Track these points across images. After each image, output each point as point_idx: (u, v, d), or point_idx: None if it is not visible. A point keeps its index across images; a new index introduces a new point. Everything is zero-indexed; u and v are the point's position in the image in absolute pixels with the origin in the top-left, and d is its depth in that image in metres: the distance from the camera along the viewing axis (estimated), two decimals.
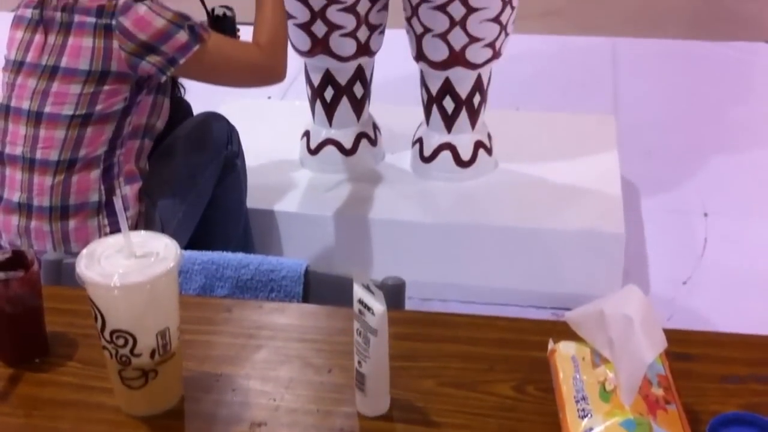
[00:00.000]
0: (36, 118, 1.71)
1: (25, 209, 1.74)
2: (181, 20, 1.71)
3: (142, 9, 1.68)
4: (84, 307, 0.92)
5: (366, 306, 0.89)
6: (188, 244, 1.94)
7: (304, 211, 2.32)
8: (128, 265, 0.89)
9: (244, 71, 1.84)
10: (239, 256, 1.27)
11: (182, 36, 1.70)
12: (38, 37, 1.73)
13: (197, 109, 2.11)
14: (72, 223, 1.73)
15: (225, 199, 2.04)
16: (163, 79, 1.75)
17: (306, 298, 1.27)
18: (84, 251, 0.91)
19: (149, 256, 0.90)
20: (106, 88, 1.70)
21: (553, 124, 2.68)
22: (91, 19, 1.68)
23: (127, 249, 0.90)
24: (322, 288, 1.26)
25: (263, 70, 1.85)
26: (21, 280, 1.00)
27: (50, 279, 1.26)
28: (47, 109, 1.70)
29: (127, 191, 1.77)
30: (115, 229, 1.75)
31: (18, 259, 1.01)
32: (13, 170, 1.75)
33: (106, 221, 1.74)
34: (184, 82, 2.05)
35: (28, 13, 1.76)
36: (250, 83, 1.92)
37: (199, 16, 2.05)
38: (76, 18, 1.70)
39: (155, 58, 1.69)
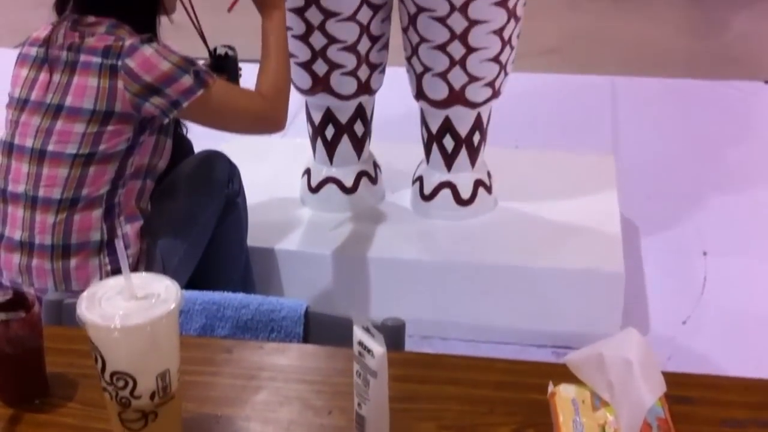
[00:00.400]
0: (39, 156, 1.72)
1: (27, 247, 1.74)
2: (186, 65, 1.73)
3: (148, 51, 1.70)
4: (84, 347, 0.92)
5: (366, 348, 0.89)
6: (189, 282, 1.95)
7: (305, 250, 2.32)
8: (129, 306, 0.89)
9: (246, 119, 1.86)
10: (240, 296, 1.28)
11: (187, 80, 1.72)
12: (43, 76, 1.75)
13: (199, 147, 2.13)
14: (73, 262, 1.74)
15: (226, 237, 2.05)
16: (166, 121, 1.76)
17: (306, 339, 1.27)
18: (85, 293, 0.91)
19: (150, 298, 0.90)
20: (109, 128, 1.71)
21: (553, 162, 2.69)
22: (97, 59, 1.70)
23: (127, 291, 0.91)
24: (322, 328, 1.26)
25: (264, 119, 1.87)
26: (22, 321, 1.00)
27: (51, 319, 1.26)
28: (51, 147, 1.71)
29: (128, 230, 1.78)
30: (116, 268, 1.76)
31: (19, 300, 1.02)
32: (15, 208, 1.75)
33: (107, 260, 1.75)
34: None
35: (34, 51, 1.78)
36: (251, 131, 1.93)
37: (202, 51, 2.09)
38: (82, 57, 1.71)
39: (159, 100, 1.71)
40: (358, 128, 2.40)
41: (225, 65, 2.12)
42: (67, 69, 1.72)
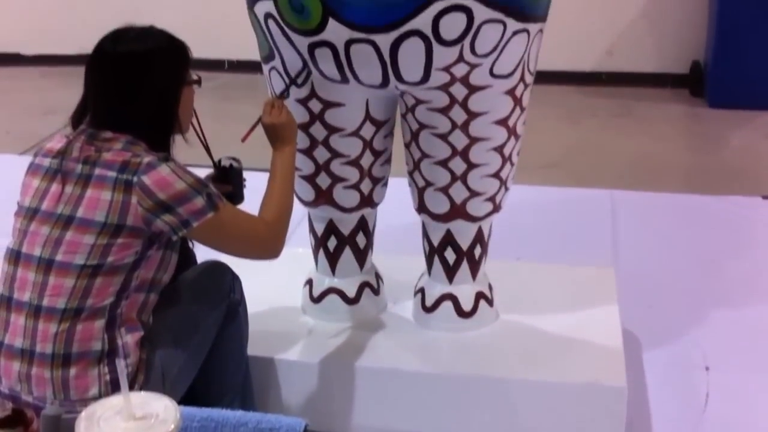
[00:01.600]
0: (47, 265, 1.75)
1: (27, 355, 1.75)
2: (200, 187, 1.78)
3: (165, 170, 1.75)
4: None
5: None
6: (188, 392, 1.94)
7: (305, 360, 2.32)
8: (127, 427, 0.90)
9: (249, 244, 1.91)
10: (238, 414, 1.27)
11: (199, 201, 1.76)
12: (55, 186, 1.79)
13: (201, 254, 2.15)
14: (73, 371, 1.74)
15: (226, 347, 2.05)
16: (175, 238, 1.80)
17: None
18: (83, 413, 0.92)
19: (149, 418, 0.91)
20: (119, 240, 1.74)
21: (554, 275, 2.70)
22: (113, 174, 1.75)
23: (126, 411, 0.91)
24: None
25: (264, 248, 1.94)
26: None
27: None
28: (59, 257, 1.74)
29: (128, 339, 1.79)
30: (115, 378, 1.76)
31: (18, 417, 1.02)
32: (17, 316, 1.77)
33: (106, 369, 1.75)
34: None
35: (47, 162, 1.82)
36: (250, 255, 1.97)
37: (206, 159, 2.14)
38: (98, 171, 1.76)
39: (170, 218, 1.75)
40: (361, 240, 2.43)
41: (229, 176, 2.18)
42: (80, 181, 1.76)
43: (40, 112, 4.65)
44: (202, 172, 2.09)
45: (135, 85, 1.83)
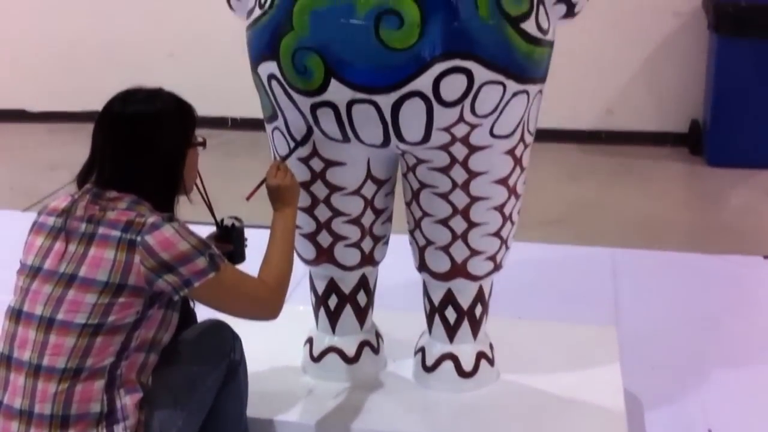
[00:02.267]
0: (48, 324, 1.75)
1: (26, 416, 1.74)
2: (203, 247, 1.79)
3: (169, 231, 1.76)
4: None
5: None
6: None
7: (304, 422, 2.29)
8: None
9: (249, 305, 1.92)
10: None
11: (201, 262, 1.77)
12: (59, 245, 1.79)
13: (201, 312, 2.14)
14: None
15: (225, 407, 2.04)
16: (176, 298, 1.80)
17: None
18: None
19: None
20: (120, 300, 1.74)
21: (555, 334, 2.69)
22: (117, 233, 1.76)
23: None
24: None
25: (264, 309, 1.94)
26: None
27: None
28: (60, 316, 1.74)
29: (127, 401, 1.78)
30: None
31: None
32: (17, 375, 1.76)
33: (104, 431, 1.74)
34: None
35: (51, 220, 1.83)
36: (249, 316, 1.96)
37: (208, 216, 2.15)
38: (101, 230, 1.77)
39: (172, 278, 1.76)
40: (361, 298, 2.42)
41: (231, 236, 2.18)
42: (84, 240, 1.77)
43: (44, 169, 4.67)
44: (204, 230, 2.10)
45: (142, 145, 1.85)
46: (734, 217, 4.06)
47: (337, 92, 1.95)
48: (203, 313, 2.12)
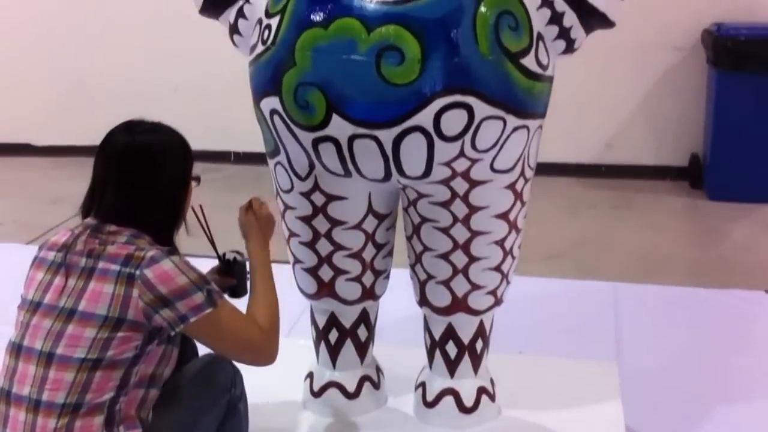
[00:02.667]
0: (47, 358, 1.74)
1: None
2: (201, 283, 1.79)
3: (168, 265, 1.76)
4: None
5: None
6: None
7: None
8: None
9: (244, 346, 1.89)
10: None
11: (199, 297, 1.77)
12: (59, 280, 1.79)
13: (202, 349, 2.14)
14: None
15: None
16: (173, 333, 1.80)
17: None
18: None
19: None
20: (119, 334, 1.74)
21: (557, 369, 2.68)
22: (116, 267, 1.76)
23: None
24: None
25: (260, 351, 1.91)
26: None
27: None
28: (59, 350, 1.74)
29: None
30: None
31: None
32: (17, 410, 1.75)
33: None
34: None
35: (51, 255, 1.84)
36: (243, 357, 1.94)
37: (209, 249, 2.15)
38: (101, 264, 1.77)
39: (168, 313, 1.75)
40: (362, 333, 2.42)
41: (233, 270, 2.19)
42: (84, 274, 1.77)
43: (48, 202, 4.69)
44: (206, 264, 2.11)
45: (145, 177, 1.85)
46: (735, 251, 4.05)
47: (339, 127, 1.96)
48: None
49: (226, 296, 1.91)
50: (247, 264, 2.16)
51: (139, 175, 1.85)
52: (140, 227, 1.84)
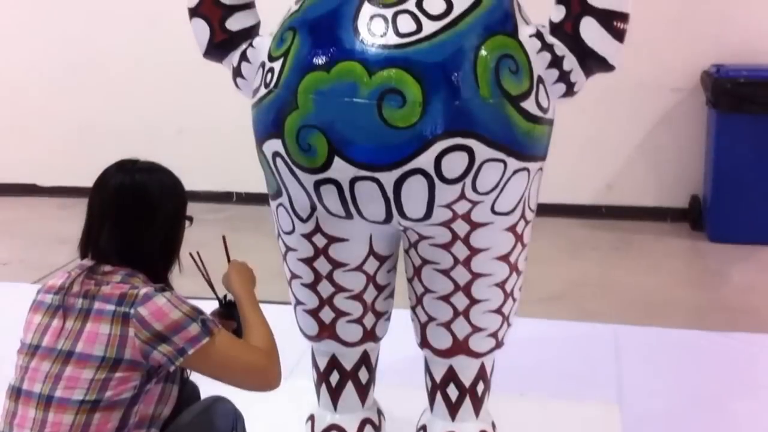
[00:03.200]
0: (46, 401, 1.74)
1: None
2: (195, 314, 1.79)
3: (161, 301, 1.76)
4: None
5: None
6: None
7: None
8: None
9: (248, 372, 1.88)
10: None
11: (194, 329, 1.77)
12: (56, 322, 1.79)
13: (203, 386, 2.12)
14: None
15: None
16: (172, 368, 1.79)
17: None
18: None
19: None
20: (117, 374, 1.74)
21: (558, 412, 2.68)
22: (111, 307, 1.76)
23: None
24: None
25: (264, 375, 1.89)
26: None
27: None
28: (58, 393, 1.73)
29: None
30: None
31: None
32: None
33: None
34: None
35: (49, 298, 1.84)
36: (249, 384, 1.91)
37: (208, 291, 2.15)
38: (97, 305, 1.77)
39: (166, 348, 1.75)
40: (363, 375, 2.41)
41: (232, 312, 2.18)
42: (80, 316, 1.77)
43: (54, 242, 4.69)
44: (207, 306, 2.10)
45: (140, 217, 1.86)
46: (737, 293, 4.04)
47: (341, 170, 1.97)
48: (206, 388, 2.12)
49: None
50: None
51: (133, 215, 1.86)
52: (135, 266, 1.84)
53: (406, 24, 1.93)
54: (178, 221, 1.94)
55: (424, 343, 2.32)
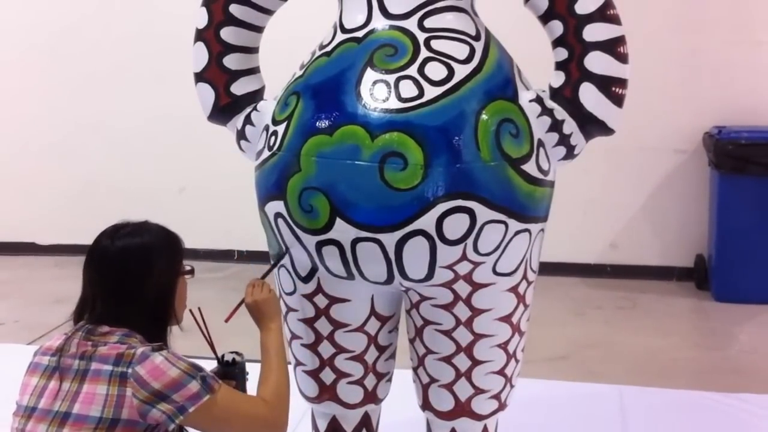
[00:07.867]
0: None
1: None
2: (194, 371, 1.78)
3: (158, 359, 1.76)
4: None
5: None
6: None
7: None
8: None
9: (251, 425, 1.88)
10: None
11: (194, 386, 1.76)
12: (53, 384, 1.79)
13: None
14: None
15: None
16: (172, 427, 1.78)
17: None
18: None
19: None
20: None
21: None
22: (108, 367, 1.75)
23: None
24: None
25: (267, 426, 1.89)
26: None
27: None
28: None
29: None
30: None
31: None
32: None
33: None
34: None
35: (45, 360, 1.83)
36: None
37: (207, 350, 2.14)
38: (94, 366, 1.77)
39: (166, 407, 1.74)
40: None
41: (232, 371, 2.17)
42: (77, 377, 1.77)
43: (50, 302, 4.68)
44: (206, 365, 2.09)
45: (132, 279, 1.86)
46: (744, 354, 4.01)
47: (342, 231, 1.98)
48: None
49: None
50: (246, 365, 2.16)
51: (126, 279, 1.86)
52: (132, 327, 1.84)
53: (408, 89, 1.95)
54: (171, 279, 1.93)
55: (426, 404, 2.30)
